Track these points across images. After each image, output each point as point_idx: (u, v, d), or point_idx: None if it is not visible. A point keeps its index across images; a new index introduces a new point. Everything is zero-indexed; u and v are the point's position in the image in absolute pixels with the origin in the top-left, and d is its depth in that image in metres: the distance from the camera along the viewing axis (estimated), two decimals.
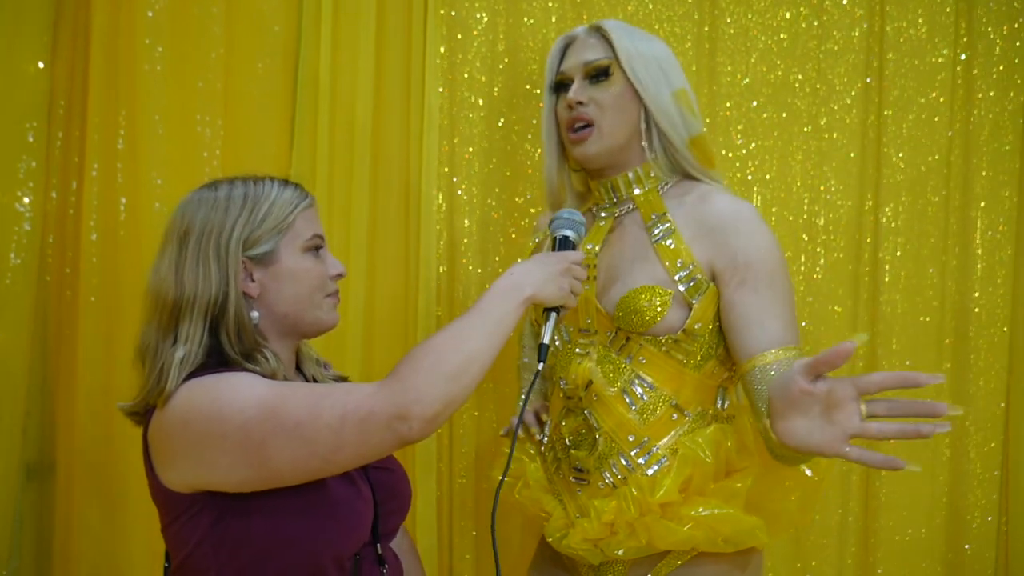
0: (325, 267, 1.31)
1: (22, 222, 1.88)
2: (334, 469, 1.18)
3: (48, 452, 1.93)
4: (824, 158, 2.11)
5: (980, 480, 2.12)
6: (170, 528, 1.25)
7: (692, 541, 1.42)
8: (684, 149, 1.53)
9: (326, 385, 1.26)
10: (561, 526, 1.54)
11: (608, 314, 1.49)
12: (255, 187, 1.28)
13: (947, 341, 2.12)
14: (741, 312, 1.42)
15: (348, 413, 1.13)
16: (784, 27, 2.10)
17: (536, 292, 1.27)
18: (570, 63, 1.57)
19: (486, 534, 2.09)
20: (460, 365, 1.16)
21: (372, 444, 1.14)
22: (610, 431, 1.48)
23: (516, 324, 1.25)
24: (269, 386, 1.18)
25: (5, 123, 1.85)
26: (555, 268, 1.31)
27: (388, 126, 2.02)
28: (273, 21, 1.98)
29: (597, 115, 1.52)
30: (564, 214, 1.41)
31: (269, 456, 1.14)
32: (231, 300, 1.23)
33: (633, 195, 1.55)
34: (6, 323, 1.85)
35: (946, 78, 2.10)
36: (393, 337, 2.02)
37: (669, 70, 1.54)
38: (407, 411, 1.12)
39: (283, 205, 1.27)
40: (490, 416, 2.09)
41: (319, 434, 1.13)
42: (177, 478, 1.21)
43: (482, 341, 1.19)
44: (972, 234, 2.12)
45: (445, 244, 2.07)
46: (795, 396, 1.13)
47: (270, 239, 1.26)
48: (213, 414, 1.16)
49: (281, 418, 1.14)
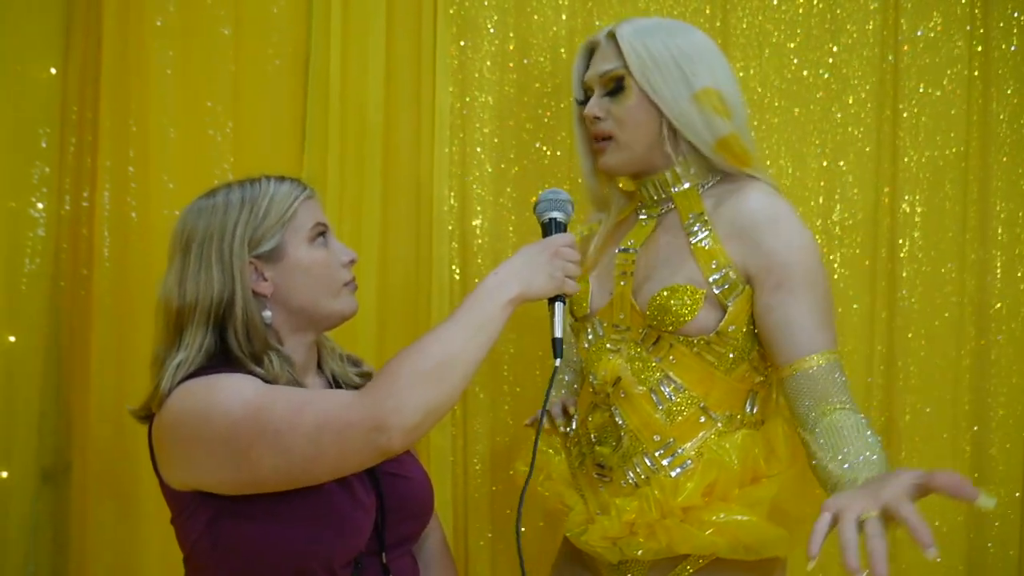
0: (335, 255, 1.30)
1: (36, 227, 1.90)
2: (316, 479, 1.16)
3: (63, 455, 1.94)
4: (839, 153, 2.09)
5: (1003, 477, 2.09)
6: (175, 523, 1.28)
7: (713, 547, 1.40)
8: (711, 153, 1.48)
9: (312, 392, 1.23)
10: (581, 521, 1.52)
11: (642, 312, 1.47)
12: (252, 187, 1.28)
13: (966, 336, 2.09)
14: (779, 315, 1.39)
15: (326, 423, 1.10)
16: (797, 22, 2.08)
17: (524, 289, 1.23)
18: (590, 73, 1.54)
19: (502, 536, 2.08)
20: (439, 372, 1.12)
21: (350, 455, 1.11)
22: (635, 430, 1.46)
23: (503, 325, 1.21)
24: (256, 391, 1.16)
25: (19, 129, 1.87)
26: (542, 258, 1.27)
27: (399, 126, 2.02)
28: (283, 23, 1.99)
29: (615, 129, 1.49)
30: (547, 195, 1.38)
31: (252, 462, 1.13)
32: (237, 301, 1.23)
33: (672, 194, 1.52)
34: (21, 327, 1.87)
35: (962, 70, 2.07)
36: (405, 338, 2.01)
37: (692, 67, 1.46)
38: (385, 422, 1.08)
39: (282, 199, 1.27)
40: (505, 417, 2.08)
41: (296, 443, 1.11)
42: (174, 477, 1.23)
43: (463, 345, 1.15)
44: (991, 228, 2.09)
45: (457, 244, 2.06)
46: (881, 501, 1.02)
47: (274, 235, 1.26)
48: (201, 416, 1.16)
49: (263, 424, 1.12)
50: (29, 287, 1.88)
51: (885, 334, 2.08)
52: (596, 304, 1.56)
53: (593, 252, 1.61)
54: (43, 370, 1.90)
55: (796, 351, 1.37)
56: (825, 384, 1.35)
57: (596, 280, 1.58)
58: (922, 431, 2.07)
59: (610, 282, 1.55)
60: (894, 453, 2.06)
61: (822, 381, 1.34)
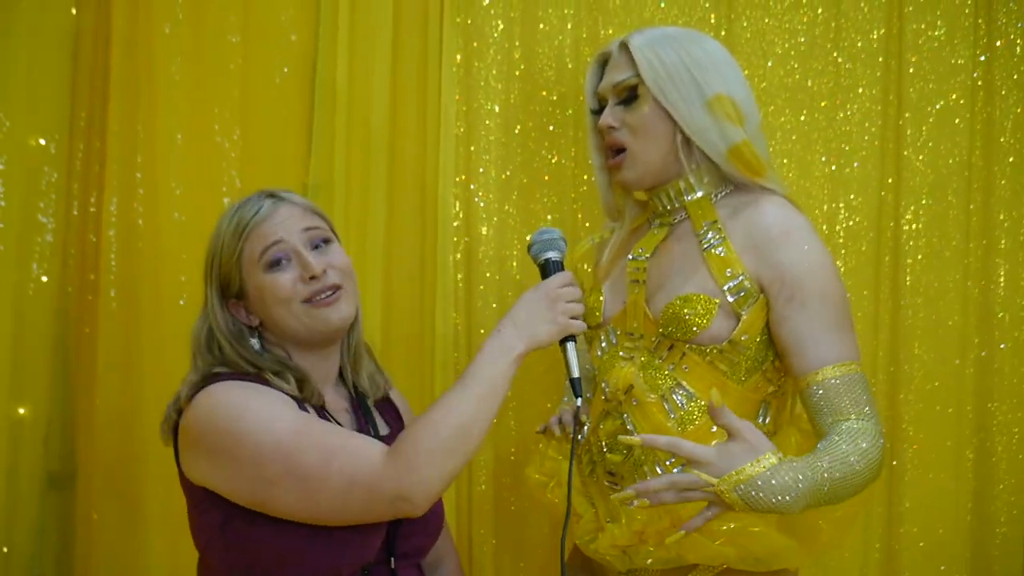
0: (294, 275, 1.30)
1: (44, 233, 1.91)
2: (331, 523, 1.21)
3: (69, 460, 1.94)
4: (843, 161, 2.09)
5: (1006, 486, 2.09)
6: (189, 516, 1.31)
7: (722, 557, 1.40)
8: (723, 162, 1.48)
9: (342, 436, 1.26)
10: (591, 529, 1.52)
11: (655, 320, 1.47)
12: (216, 229, 1.34)
13: (970, 344, 2.09)
14: (792, 328, 1.40)
15: (355, 483, 1.17)
16: (802, 30, 2.08)
17: (529, 344, 1.26)
18: (604, 83, 1.55)
19: (505, 542, 2.08)
20: (455, 443, 1.18)
21: (375, 513, 1.20)
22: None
23: (511, 379, 1.26)
24: (288, 429, 1.20)
25: (27, 136, 1.87)
26: (542, 306, 1.28)
27: (405, 134, 2.02)
28: (290, 31, 2.00)
29: (629, 140, 1.50)
30: (538, 236, 1.39)
31: (274, 495, 1.18)
32: (216, 336, 1.31)
33: (685, 203, 1.52)
34: (29, 332, 1.87)
35: (966, 80, 2.08)
36: (410, 347, 2.02)
37: (705, 75, 1.46)
38: (410, 493, 1.16)
39: (231, 238, 1.31)
40: (508, 423, 2.08)
41: (324, 494, 1.17)
42: (193, 472, 1.26)
43: (475, 412, 1.20)
44: (995, 236, 2.09)
45: (462, 252, 2.07)
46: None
47: (233, 275, 1.31)
48: (231, 435, 1.20)
49: (292, 468, 1.17)
50: (37, 292, 1.89)
51: (888, 342, 2.08)
52: (609, 312, 1.56)
53: (606, 261, 1.61)
54: (50, 375, 1.91)
55: (811, 363, 1.38)
56: (839, 396, 1.37)
57: (609, 289, 1.58)
58: (925, 439, 2.07)
59: (623, 291, 1.55)
60: (898, 460, 2.06)
61: (835, 394, 1.36)
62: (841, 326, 1.41)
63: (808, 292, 1.39)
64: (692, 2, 2.07)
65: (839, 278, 1.45)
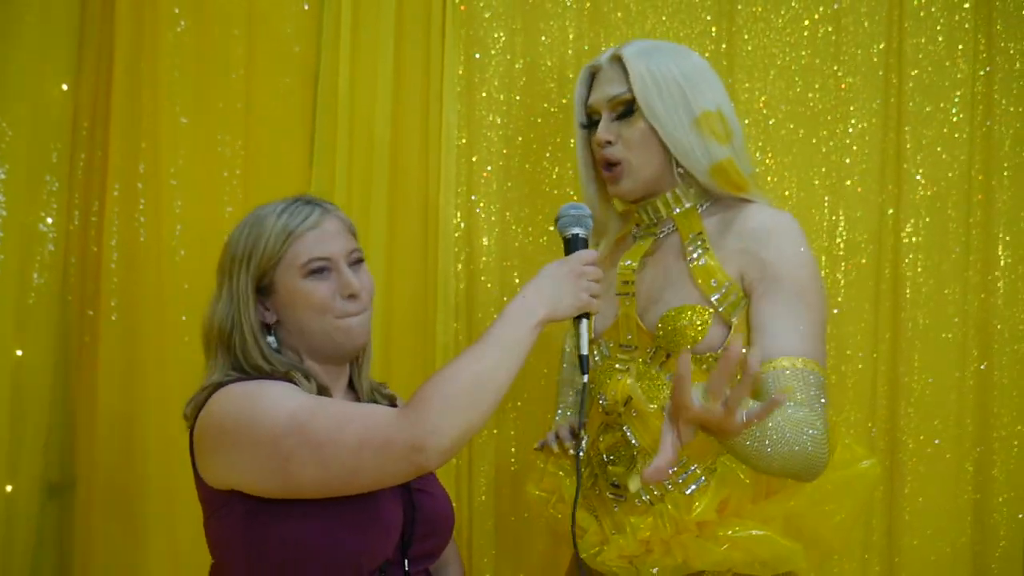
0: (332, 288, 1.32)
1: (45, 242, 1.90)
2: (355, 490, 1.21)
3: (69, 470, 1.94)
4: (844, 175, 2.10)
5: (1006, 499, 2.09)
6: (208, 524, 1.31)
7: (728, 562, 1.40)
8: (705, 179, 1.50)
9: (356, 406, 1.29)
10: (596, 542, 1.52)
11: (649, 332, 1.48)
12: (259, 224, 1.33)
13: (969, 357, 2.10)
14: (761, 313, 1.40)
15: (367, 440, 1.16)
16: (803, 44, 2.10)
17: (551, 311, 1.26)
18: (596, 97, 1.55)
19: (505, 552, 2.08)
20: (472, 395, 1.17)
21: (389, 471, 1.17)
22: (648, 448, 1.47)
23: (531, 347, 1.24)
24: (301, 401, 1.22)
25: (30, 144, 1.87)
26: (567, 278, 1.29)
27: (406, 145, 2.03)
28: (293, 42, 2.00)
29: (625, 153, 1.51)
30: (567, 209, 1.38)
31: (292, 471, 1.18)
32: (239, 329, 1.30)
33: (672, 215, 1.53)
34: (29, 342, 1.86)
35: (966, 94, 2.09)
36: (411, 356, 2.02)
37: (693, 90, 1.48)
38: (423, 443, 1.14)
39: (276, 238, 1.31)
40: (508, 434, 2.08)
41: (338, 457, 1.16)
42: (214, 476, 1.26)
43: (494, 368, 1.19)
44: (994, 250, 2.10)
45: (464, 263, 2.07)
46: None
47: (268, 271, 1.31)
48: (246, 422, 1.21)
49: (307, 435, 1.18)
50: (37, 301, 1.88)
51: (888, 354, 2.09)
52: (600, 326, 1.57)
53: None
54: (50, 385, 1.90)
55: (767, 352, 1.36)
56: (791, 387, 1.33)
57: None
58: (925, 452, 2.08)
59: (613, 303, 1.56)
60: (897, 473, 2.07)
61: (787, 383, 1.33)
62: (812, 326, 1.40)
63: (785, 286, 1.40)
64: (694, 15, 2.08)
65: (820, 282, 1.46)
